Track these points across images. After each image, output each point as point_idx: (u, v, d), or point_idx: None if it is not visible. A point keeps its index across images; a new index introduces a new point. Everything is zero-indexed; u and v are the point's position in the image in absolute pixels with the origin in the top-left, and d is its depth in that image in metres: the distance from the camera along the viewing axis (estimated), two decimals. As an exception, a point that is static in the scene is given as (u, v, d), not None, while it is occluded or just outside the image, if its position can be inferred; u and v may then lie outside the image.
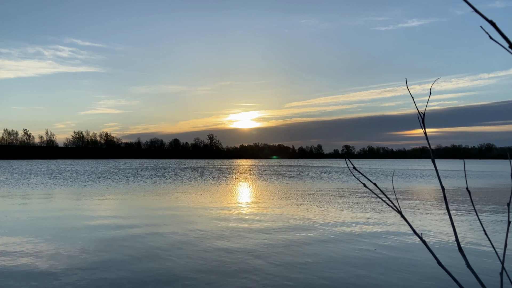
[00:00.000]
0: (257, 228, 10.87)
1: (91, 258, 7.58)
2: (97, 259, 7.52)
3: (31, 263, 7.26)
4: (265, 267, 7.01)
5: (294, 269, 6.93)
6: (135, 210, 14.58)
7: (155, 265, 7.14)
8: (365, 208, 15.03)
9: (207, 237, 9.54)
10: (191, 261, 7.44)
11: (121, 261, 7.40)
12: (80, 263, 7.23)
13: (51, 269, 6.88)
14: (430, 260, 7.38)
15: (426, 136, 1.36)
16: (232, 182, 30.90)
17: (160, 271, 6.78)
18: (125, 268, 6.99)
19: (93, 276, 6.49)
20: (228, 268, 6.95)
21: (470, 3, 0.95)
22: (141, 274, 6.62)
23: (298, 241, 9.16)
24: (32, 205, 15.98)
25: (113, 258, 7.65)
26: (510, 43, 0.91)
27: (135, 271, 6.81)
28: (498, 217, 13.10)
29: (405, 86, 1.48)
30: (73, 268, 6.95)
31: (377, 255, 7.95)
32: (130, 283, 6.18)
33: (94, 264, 7.21)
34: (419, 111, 1.32)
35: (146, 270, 6.83)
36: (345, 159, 1.60)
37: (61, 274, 6.58)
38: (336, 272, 6.81)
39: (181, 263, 7.31)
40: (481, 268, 6.95)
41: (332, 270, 6.92)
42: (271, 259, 7.59)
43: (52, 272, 6.67)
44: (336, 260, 7.54)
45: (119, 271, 6.78)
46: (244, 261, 7.43)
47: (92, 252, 8.08)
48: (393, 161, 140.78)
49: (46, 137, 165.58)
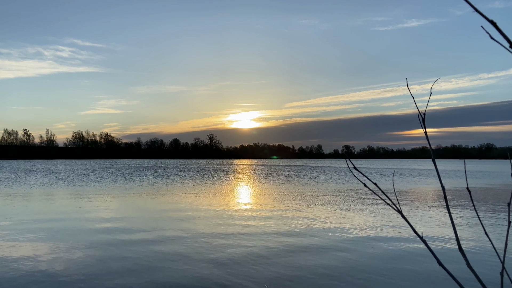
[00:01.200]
0: (258, 229, 10.87)
1: (88, 261, 7.58)
2: (94, 262, 7.52)
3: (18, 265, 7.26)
4: (266, 269, 7.01)
5: (295, 270, 6.93)
6: (134, 211, 14.58)
7: (154, 270, 7.14)
8: (365, 209, 15.03)
9: (206, 240, 9.54)
10: (191, 261, 7.44)
11: (118, 262, 7.40)
12: (74, 267, 7.23)
13: (42, 272, 6.87)
14: (431, 260, 7.37)
15: (426, 136, 1.36)
16: (232, 182, 30.90)
17: (158, 274, 6.77)
18: (121, 272, 6.99)
19: (93, 277, 6.49)
20: (229, 272, 6.94)
21: (471, 3, 0.95)
22: (138, 280, 6.61)
23: (298, 242, 9.15)
24: (28, 204, 15.98)
25: (111, 259, 7.65)
26: (511, 43, 0.92)
27: (133, 275, 6.81)
28: (498, 217, 13.10)
29: (405, 86, 1.48)
30: (63, 273, 6.94)
31: (377, 255, 7.95)
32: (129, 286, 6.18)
33: (92, 266, 7.21)
34: (419, 111, 1.32)
35: (143, 277, 6.83)
36: (345, 159, 1.60)
37: (56, 276, 6.58)
38: (337, 273, 6.81)
39: (180, 264, 7.32)
40: (481, 268, 6.95)
41: (333, 271, 6.92)
42: (271, 261, 7.59)
43: (47, 274, 6.67)
44: (337, 261, 7.54)
45: (115, 274, 6.78)
46: (244, 262, 7.43)
47: (90, 255, 8.08)
48: (393, 161, 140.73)
49: (46, 137, 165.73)
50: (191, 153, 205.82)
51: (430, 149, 1.36)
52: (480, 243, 8.95)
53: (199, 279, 6.36)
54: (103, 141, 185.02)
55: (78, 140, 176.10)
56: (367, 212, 14.05)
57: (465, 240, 9.31)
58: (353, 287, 6.07)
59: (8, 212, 13.69)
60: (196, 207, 15.24)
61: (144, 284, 6.10)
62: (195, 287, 6.01)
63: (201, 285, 6.06)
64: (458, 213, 13.96)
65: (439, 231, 10.39)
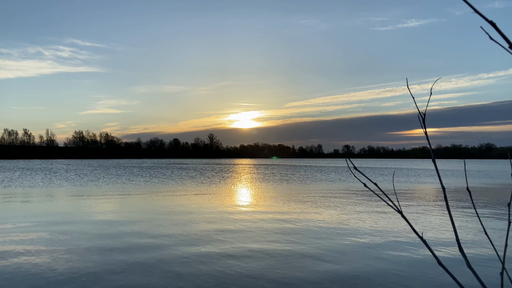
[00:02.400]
0: (258, 232, 10.87)
1: (88, 261, 7.58)
2: (92, 264, 7.52)
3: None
4: (266, 271, 7.01)
5: (296, 273, 6.93)
6: (134, 211, 14.58)
7: (153, 272, 7.14)
8: (365, 209, 15.02)
9: (206, 242, 9.54)
10: (191, 263, 7.44)
11: (116, 264, 7.40)
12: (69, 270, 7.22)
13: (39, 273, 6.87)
14: (431, 260, 7.37)
15: (426, 136, 1.36)
16: (232, 183, 30.90)
17: (157, 276, 6.78)
18: (118, 275, 6.99)
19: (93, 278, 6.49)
20: (229, 275, 6.95)
21: (470, 4, 0.95)
22: (136, 282, 6.61)
23: (299, 244, 9.16)
24: (23, 206, 15.98)
25: (107, 263, 7.65)
26: (510, 43, 0.92)
27: (130, 279, 6.81)
28: (498, 217, 13.09)
29: (404, 86, 1.48)
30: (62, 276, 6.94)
31: (377, 256, 7.94)
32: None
33: (91, 268, 7.21)
34: (419, 111, 1.32)
35: (140, 278, 6.83)
36: (345, 159, 1.60)
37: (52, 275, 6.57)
38: (338, 274, 6.81)
39: (179, 266, 7.32)
40: (481, 268, 6.95)
41: (334, 273, 6.92)
42: (271, 262, 7.59)
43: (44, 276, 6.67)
44: (337, 262, 7.54)
45: (113, 276, 6.78)
46: (244, 263, 7.43)
47: (90, 256, 8.08)
48: (393, 161, 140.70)
49: (46, 137, 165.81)
50: (191, 153, 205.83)
51: (430, 150, 1.36)
52: (480, 243, 8.95)
53: (199, 280, 6.37)
54: (103, 141, 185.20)
55: (78, 140, 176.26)
56: (367, 212, 14.04)
57: (465, 240, 9.31)
58: (354, 286, 6.07)
59: (1, 213, 13.70)
60: (195, 208, 15.23)
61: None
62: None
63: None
64: (458, 213, 13.95)
65: (439, 231, 10.38)
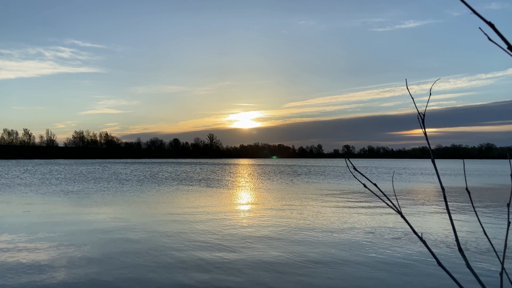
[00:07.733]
0: (258, 234, 10.87)
1: (88, 263, 7.58)
2: (91, 266, 7.52)
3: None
4: (266, 273, 7.01)
5: (296, 274, 6.93)
6: (133, 214, 14.58)
7: (153, 275, 7.14)
8: (365, 209, 15.02)
9: (207, 246, 9.54)
10: (190, 266, 7.44)
11: (116, 265, 7.40)
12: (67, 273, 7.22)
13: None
14: (430, 260, 7.37)
15: (426, 137, 1.36)
16: (232, 182, 30.90)
17: (158, 279, 6.78)
18: (118, 276, 6.99)
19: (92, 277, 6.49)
20: (232, 278, 6.95)
21: (469, 5, 0.95)
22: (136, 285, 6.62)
23: (298, 242, 9.16)
24: (19, 207, 15.98)
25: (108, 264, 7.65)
26: (509, 44, 0.92)
27: (130, 280, 6.81)
28: (498, 217, 13.09)
29: (403, 86, 1.49)
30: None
31: (376, 256, 7.95)
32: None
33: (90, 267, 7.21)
34: (419, 111, 1.32)
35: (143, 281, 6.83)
36: (345, 159, 1.60)
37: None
38: (338, 274, 6.81)
39: (177, 269, 7.32)
40: (481, 268, 6.95)
41: (332, 272, 6.92)
42: (271, 265, 7.59)
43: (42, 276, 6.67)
44: (339, 263, 7.54)
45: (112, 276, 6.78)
46: (243, 265, 7.44)
47: (90, 257, 8.09)
48: (393, 161, 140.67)
49: (47, 137, 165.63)
50: (191, 153, 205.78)
51: (430, 150, 1.36)
52: (479, 243, 8.95)
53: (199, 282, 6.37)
54: (103, 141, 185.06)
55: (79, 140, 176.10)
56: (367, 212, 14.04)
57: (465, 240, 9.31)
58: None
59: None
60: (196, 209, 15.24)
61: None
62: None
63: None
64: (457, 213, 13.96)
65: (438, 232, 10.38)
